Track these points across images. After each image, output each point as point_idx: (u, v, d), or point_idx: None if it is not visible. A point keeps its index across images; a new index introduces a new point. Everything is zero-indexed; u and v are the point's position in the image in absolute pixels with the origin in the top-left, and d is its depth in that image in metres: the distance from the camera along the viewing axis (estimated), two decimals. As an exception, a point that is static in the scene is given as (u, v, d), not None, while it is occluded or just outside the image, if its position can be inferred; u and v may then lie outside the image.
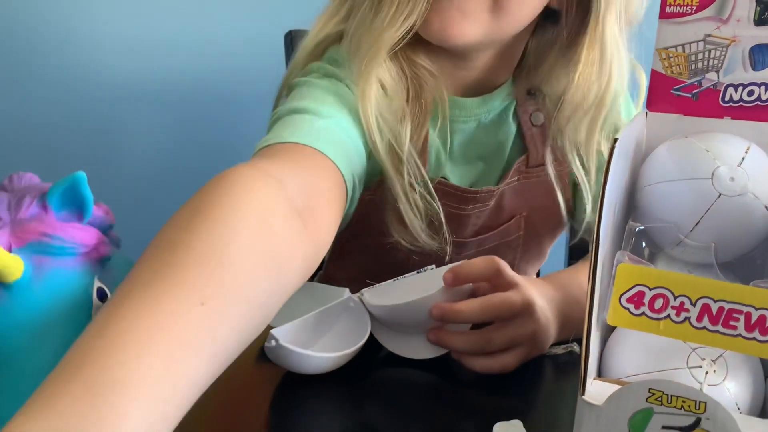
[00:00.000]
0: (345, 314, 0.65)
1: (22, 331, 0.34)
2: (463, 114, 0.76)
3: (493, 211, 0.80)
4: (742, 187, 0.43)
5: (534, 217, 0.82)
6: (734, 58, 0.49)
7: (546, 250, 0.91)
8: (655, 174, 0.47)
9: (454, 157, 0.78)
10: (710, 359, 0.40)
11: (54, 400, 0.28)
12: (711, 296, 0.36)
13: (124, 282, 0.32)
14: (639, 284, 0.37)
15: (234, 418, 0.55)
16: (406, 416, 0.56)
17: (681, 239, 0.45)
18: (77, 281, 0.37)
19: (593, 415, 0.37)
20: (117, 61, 1.48)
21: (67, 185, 0.38)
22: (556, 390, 0.62)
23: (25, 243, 0.37)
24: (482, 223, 0.80)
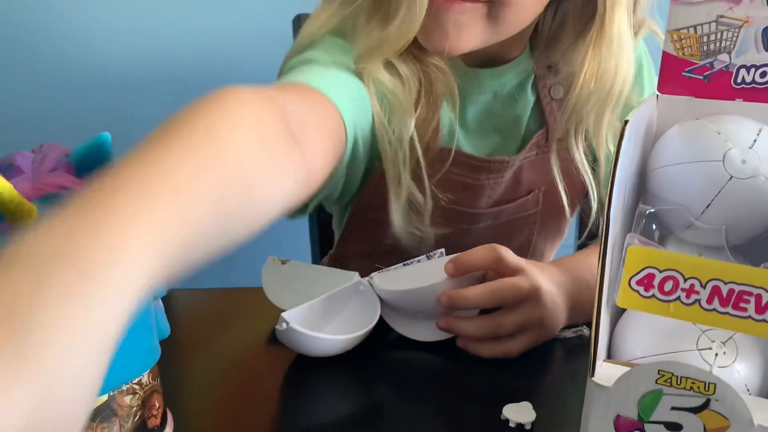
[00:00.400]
0: (355, 298, 0.65)
1: None
2: (477, 85, 0.77)
3: (511, 184, 0.80)
4: (753, 170, 0.43)
5: (553, 193, 0.81)
6: (747, 40, 0.48)
7: (564, 227, 0.91)
8: (666, 156, 0.47)
9: (469, 128, 0.78)
10: (720, 341, 0.40)
11: (59, 224, 0.27)
12: (721, 278, 0.36)
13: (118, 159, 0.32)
14: (649, 266, 0.37)
15: (246, 401, 0.56)
16: (416, 398, 0.56)
17: (691, 222, 0.45)
18: None
19: (603, 397, 0.37)
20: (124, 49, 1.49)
21: (91, 145, 0.39)
22: (565, 372, 0.62)
23: (42, 194, 0.38)
24: (498, 196, 0.80)
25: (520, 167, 0.79)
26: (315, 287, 0.65)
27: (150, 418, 0.46)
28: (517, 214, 0.82)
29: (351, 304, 0.65)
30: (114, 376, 0.42)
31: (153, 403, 0.46)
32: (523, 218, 0.83)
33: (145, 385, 0.45)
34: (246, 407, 0.55)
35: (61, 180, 0.38)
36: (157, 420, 0.47)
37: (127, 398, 0.44)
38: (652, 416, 0.36)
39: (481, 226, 0.80)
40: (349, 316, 0.64)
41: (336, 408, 0.56)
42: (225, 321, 0.71)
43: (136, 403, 0.44)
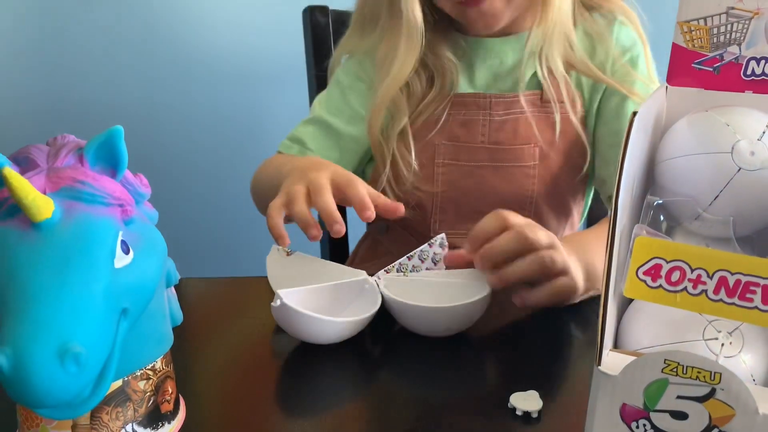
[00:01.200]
0: (360, 297, 0.66)
1: (46, 267, 0.36)
2: (484, 52, 0.91)
3: (507, 129, 0.90)
4: (762, 161, 0.43)
5: (550, 154, 0.90)
6: (757, 31, 0.48)
7: (569, 203, 0.96)
8: (675, 148, 0.47)
9: (475, 84, 0.92)
10: (726, 331, 0.40)
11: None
12: (728, 269, 0.36)
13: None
14: (656, 257, 0.38)
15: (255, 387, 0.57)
16: (423, 386, 0.57)
17: (699, 213, 0.45)
18: (103, 229, 0.38)
19: (609, 385, 0.37)
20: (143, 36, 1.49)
21: (104, 139, 0.39)
22: (572, 361, 0.63)
23: (58, 188, 0.38)
24: (495, 136, 0.90)
25: (517, 120, 0.89)
26: (319, 280, 0.65)
27: (163, 403, 0.47)
28: (516, 162, 0.90)
29: (355, 303, 0.65)
30: (128, 361, 0.43)
31: (166, 388, 0.47)
32: (522, 169, 0.90)
33: (159, 370, 0.46)
34: (255, 393, 0.55)
35: (76, 173, 0.39)
36: (170, 405, 0.48)
37: (141, 383, 0.44)
38: (658, 405, 0.36)
39: (482, 166, 0.90)
40: (352, 312, 0.64)
41: (342, 394, 0.56)
42: (235, 309, 0.72)
43: (149, 389, 0.45)
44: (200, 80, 1.54)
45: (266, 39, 1.51)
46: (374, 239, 1.05)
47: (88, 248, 0.37)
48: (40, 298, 0.35)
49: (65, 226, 0.37)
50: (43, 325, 0.34)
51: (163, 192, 0.90)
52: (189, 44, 1.52)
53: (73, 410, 0.38)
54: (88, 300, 0.36)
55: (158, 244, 0.43)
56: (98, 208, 0.38)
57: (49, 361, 0.34)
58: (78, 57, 1.49)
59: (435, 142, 0.90)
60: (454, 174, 0.91)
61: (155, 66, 1.51)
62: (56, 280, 0.35)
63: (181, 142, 1.58)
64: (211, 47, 1.53)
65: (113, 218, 0.39)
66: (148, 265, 0.41)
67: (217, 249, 1.60)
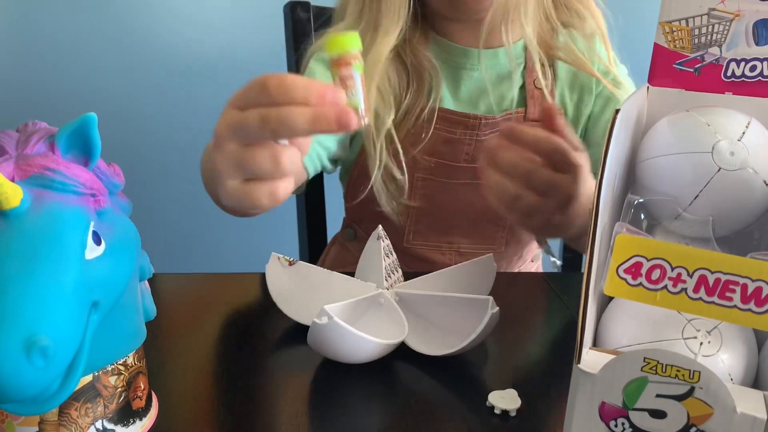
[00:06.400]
0: (370, 310, 0.63)
1: (13, 257, 0.35)
2: (469, 62, 0.88)
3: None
4: (741, 162, 0.43)
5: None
6: (737, 33, 0.49)
7: None
8: (656, 147, 0.48)
9: (460, 98, 0.89)
10: (705, 330, 0.40)
11: None
12: (708, 267, 0.36)
13: None
14: (637, 255, 0.37)
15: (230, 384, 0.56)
16: (401, 384, 0.57)
17: (679, 212, 0.45)
18: (73, 219, 0.37)
19: (588, 383, 0.37)
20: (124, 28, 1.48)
21: (76, 126, 0.38)
22: (551, 359, 0.62)
23: (27, 175, 0.37)
24: (476, 154, 0.88)
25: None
26: (326, 292, 0.64)
27: (135, 399, 0.46)
28: None
29: (366, 316, 0.63)
30: (99, 355, 0.41)
31: (138, 384, 0.46)
32: None
33: (131, 366, 0.45)
34: (228, 390, 0.55)
35: (46, 161, 0.38)
36: (141, 401, 0.47)
37: (111, 379, 0.43)
38: (637, 403, 0.36)
39: (461, 183, 0.88)
40: (369, 325, 0.61)
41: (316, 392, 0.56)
42: (210, 305, 0.71)
43: (120, 384, 0.44)
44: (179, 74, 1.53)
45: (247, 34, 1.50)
46: (342, 246, 1.03)
47: (57, 238, 0.36)
48: (6, 289, 0.34)
49: (34, 215, 0.36)
50: (9, 317, 0.33)
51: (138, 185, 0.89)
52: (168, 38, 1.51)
53: (40, 406, 0.36)
54: (56, 291, 0.35)
55: (131, 235, 0.42)
56: (69, 197, 0.37)
57: (14, 354, 0.33)
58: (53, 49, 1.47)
59: (416, 156, 0.87)
60: (432, 188, 0.89)
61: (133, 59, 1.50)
62: (24, 271, 0.34)
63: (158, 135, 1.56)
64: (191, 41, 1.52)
65: (85, 208, 0.38)
66: (121, 257, 0.40)
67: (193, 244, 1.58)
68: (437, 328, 0.62)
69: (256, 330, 0.63)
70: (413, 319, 0.62)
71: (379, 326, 0.61)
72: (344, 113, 0.43)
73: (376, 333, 0.56)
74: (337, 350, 0.55)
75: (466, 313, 0.59)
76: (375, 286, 0.65)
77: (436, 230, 0.92)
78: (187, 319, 0.67)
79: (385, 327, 0.61)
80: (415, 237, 0.92)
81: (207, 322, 0.67)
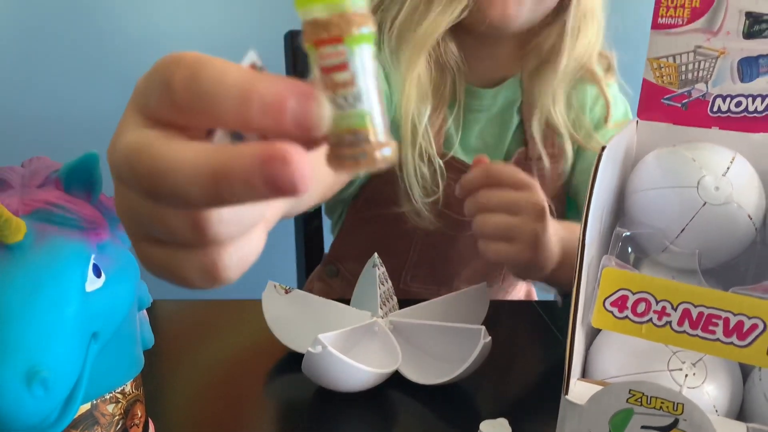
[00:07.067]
0: (366, 336, 0.64)
1: (16, 290, 0.36)
2: (478, 104, 0.83)
3: None
4: (726, 196, 0.45)
5: None
6: (723, 70, 0.50)
7: None
8: (644, 181, 0.49)
9: (468, 144, 0.84)
10: (690, 362, 0.41)
11: None
12: (691, 301, 0.37)
13: None
14: (623, 288, 0.38)
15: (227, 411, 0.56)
16: (394, 412, 0.57)
17: (666, 246, 0.46)
18: (75, 253, 0.38)
19: (575, 415, 0.38)
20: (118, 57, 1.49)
21: (79, 163, 0.39)
22: (541, 389, 0.63)
23: (31, 210, 0.38)
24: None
25: None
26: (323, 321, 0.64)
27: (132, 427, 0.46)
28: None
29: (360, 344, 0.63)
30: (97, 384, 0.42)
31: (135, 412, 0.47)
32: None
33: (128, 394, 0.46)
34: (227, 418, 0.55)
35: (49, 196, 0.39)
36: (139, 429, 0.47)
37: (109, 407, 0.44)
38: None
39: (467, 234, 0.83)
40: (363, 353, 0.61)
41: (311, 419, 0.56)
42: (207, 332, 0.72)
43: (118, 412, 0.45)
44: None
45: (246, 62, 1.52)
46: (325, 283, 0.99)
47: (59, 272, 0.37)
48: (8, 321, 0.35)
49: (37, 249, 0.37)
50: (11, 349, 0.34)
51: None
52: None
53: (40, 434, 0.37)
54: (57, 323, 0.36)
55: (131, 267, 0.43)
56: (71, 231, 0.39)
57: (16, 384, 0.33)
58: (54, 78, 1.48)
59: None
60: (435, 239, 0.85)
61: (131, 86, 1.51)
62: (26, 304, 0.35)
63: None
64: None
65: (86, 242, 0.39)
66: (120, 289, 0.41)
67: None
68: (431, 356, 0.63)
69: (253, 357, 0.64)
70: (407, 348, 0.63)
71: (374, 354, 0.62)
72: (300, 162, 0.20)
73: (370, 361, 0.57)
74: (332, 379, 0.56)
75: (458, 343, 0.60)
76: (370, 315, 0.65)
77: (437, 279, 0.89)
78: (185, 346, 0.68)
79: (379, 355, 0.62)
80: (413, 281, 0.90)
81: (204, 350, 0.67)
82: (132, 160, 0.21)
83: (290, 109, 0.20)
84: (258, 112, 0.20)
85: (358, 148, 0.22)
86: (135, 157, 0.21)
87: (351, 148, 0.22)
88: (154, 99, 0.22)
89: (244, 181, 0.19)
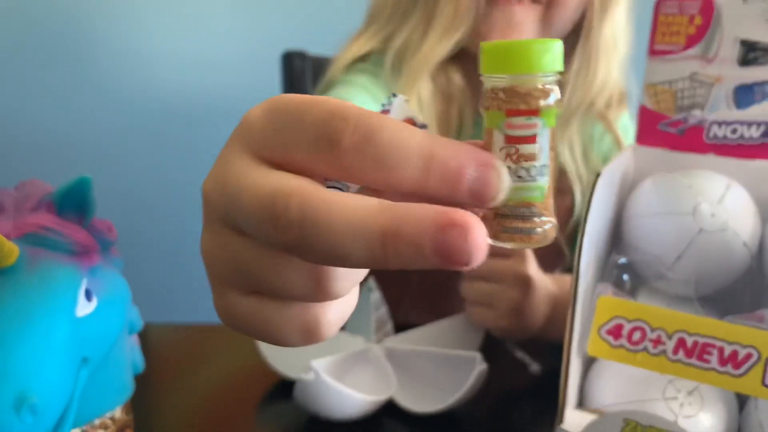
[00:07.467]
0: (359, 362, 0.63)
1: (8, 315, 0.36)
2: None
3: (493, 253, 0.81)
4: (722, 223, 0.44)
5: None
6: (719, 97, 0.50)
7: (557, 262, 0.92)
8: (640, 207, 0.49)
9: None
10: (686, 391, 0.41)
11: None
12: (687, 330, 0.37)
13: None
14: (618, 316, 0.38)
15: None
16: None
17: (663, 273, 0.46)
18: (66, 277, 0.38)
19: (570, 444, 0.38)
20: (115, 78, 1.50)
21: (72, 187, 0.39)
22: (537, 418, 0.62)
23: (23, 234, 0.39)
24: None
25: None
26: (317, 346, 0.63)
27: (122, 452, 0.46)
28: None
29: (358, 369, 0.62)
30: (87, 409, 0.42)
31: (125, 437, 0.46)
32: None
33: (118, 419, 0.45)
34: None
35: (42, 220, 0.39)
36: (128, 455, 0.47)
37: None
38: (618, 465, 0.37)
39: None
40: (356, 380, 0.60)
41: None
42: (199, 357, 0.71)
43: (108, 438, 0.44)
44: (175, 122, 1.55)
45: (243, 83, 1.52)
46: None
47: (50, 297, 0.37)
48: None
49: (28, 273, 0.37)
50: (1, 375, 0.34)
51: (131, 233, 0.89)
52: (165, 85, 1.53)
53: (28, 460, 0.37)
54: (47, 349, 0.35)
55: (122, 292, 0.43)
56: (63, 255, 0.38)
57: (4, 410, 0.33)
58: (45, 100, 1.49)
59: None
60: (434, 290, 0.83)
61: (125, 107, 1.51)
62: (16, 329, 0.35)
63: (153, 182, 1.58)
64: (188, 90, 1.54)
65: (78, 266, 0.39)
66: (111, 314, 0.40)
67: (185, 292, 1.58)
68: (425, 384, 0.62)
69: (245, 383, 0.63)
70: (402, 375, 0.62)
71: (368, 381, 0.61)
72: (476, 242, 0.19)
73: (364, 388, 0.56)
74: (324, 406, 0.55)
75: (454, 370, 0.59)
76: (364, 340, 0.65)
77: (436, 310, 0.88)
78: (176, 371, 0.68)
79: (373, 382, 0.61)
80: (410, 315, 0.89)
81: (195, 375, 0.67)
82: (269, 206, 0.20)
83: (469, 177, 0.20)
84: (436, 179, 0.20)
85: (530, 222, 0.21)
86: (277, 204, 0.20)
87: (524, 222, 0.21)
88: (302, 151, 0.21)
89: (415, 245, 0.18)
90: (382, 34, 0.78)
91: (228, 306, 0.24)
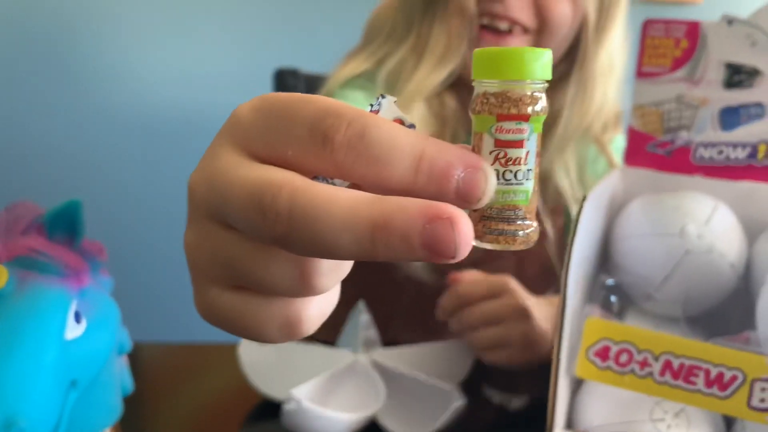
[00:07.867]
0: (349, 377, 0.62)
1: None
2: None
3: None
4: (708, 245, 0.45)
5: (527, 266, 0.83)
6: (705, 119, 0.51)
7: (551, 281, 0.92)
8: (628, 228, 0.49)
9: None
10: (673, 413, 0.41)
11: None
12: (673, 351, 0.37)
13: None
14: (605, 338, 0.38)
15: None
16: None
17: (650, 293, 0.46)
18: (56, 299, 0.38)
19: (558, 466, 0.38)
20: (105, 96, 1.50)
21: (62, 210, 0.39)
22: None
23: (13, 257, 0.39)
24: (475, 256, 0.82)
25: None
26: (303, 365, 0.63)
27: (110, 474, 0.46)
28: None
29: (346, 383, 0.61)
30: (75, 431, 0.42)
31: (114, 459, 0.46)
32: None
33: (107, 440, 0.45)
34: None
35: (32, 243, 0.39)
36: (117, 476, 0.47)
37: (87, 454, 0.43)
38: (606, 487, 0.37)
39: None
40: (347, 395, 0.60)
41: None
42: (188, 377, 0.71)
43: (96, 459, 0.44)
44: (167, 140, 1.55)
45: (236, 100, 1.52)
46: None
47: (39, 320, 0.37)
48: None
49: (18, 296, 0.37)
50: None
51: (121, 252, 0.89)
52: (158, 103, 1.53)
53: (15, 483, 0.37)
54: (35, 373, 0.35)
55: (112, 313, 0.43)
56: (52, 278, 0.38)
57: (-9, 434, 0.33)
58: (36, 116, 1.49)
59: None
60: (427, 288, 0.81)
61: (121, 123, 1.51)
62: (4, 352, 0.35)
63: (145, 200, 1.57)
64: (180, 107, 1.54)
65: (67, 288, 0.39)
66: (100, 336, 0.40)
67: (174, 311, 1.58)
68: (407, 406, 0.62)
69: (233, 402, 0.63)
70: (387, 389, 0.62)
71: (355, 395, 0.61)
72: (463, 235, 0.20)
73: (352, 402, 0.56)
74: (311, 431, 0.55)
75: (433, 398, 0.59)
76: (351, 352, 0.64)
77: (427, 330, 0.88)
78: (165, 391, 0.67)
79: (361, 395, 0.61)
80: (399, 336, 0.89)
81: (184, 395, 0.67)
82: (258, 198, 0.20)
83: (456, 178, 0.20)
84: (424, 178, 0.20)
85: (514, 225, 0.22)
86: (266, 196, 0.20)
87: (508, 224, 0.22)
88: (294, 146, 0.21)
89: (403, 237, 0.19)
90: (377, 56, 0.79)
91: (209, 301, 0.24)
